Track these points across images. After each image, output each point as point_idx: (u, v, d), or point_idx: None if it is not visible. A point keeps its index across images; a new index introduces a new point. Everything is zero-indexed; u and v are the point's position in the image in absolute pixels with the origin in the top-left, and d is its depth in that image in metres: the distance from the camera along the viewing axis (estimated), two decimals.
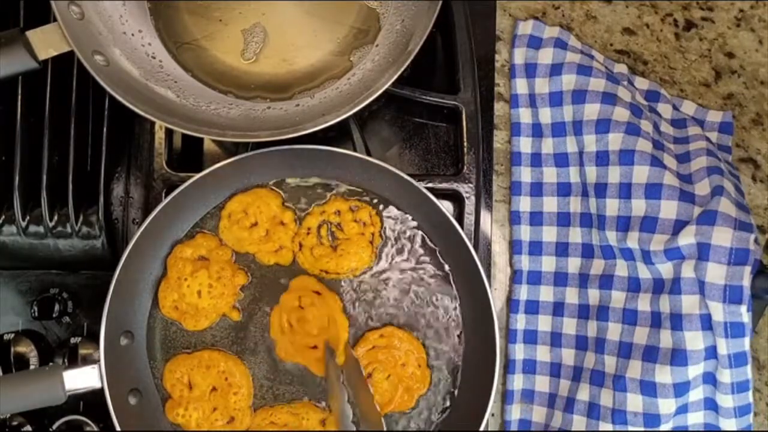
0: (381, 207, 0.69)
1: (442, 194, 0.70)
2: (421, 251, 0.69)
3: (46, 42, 0.60)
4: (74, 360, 0.70)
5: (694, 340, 0.61)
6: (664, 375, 0.61)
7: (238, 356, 0.68)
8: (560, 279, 0.71)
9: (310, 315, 0.68)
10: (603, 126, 0.67)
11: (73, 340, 0.71)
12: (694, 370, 0.61)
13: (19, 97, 0.68)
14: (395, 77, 0.61)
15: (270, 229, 0.69)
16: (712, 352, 0.61)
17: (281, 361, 0.68)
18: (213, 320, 0.68)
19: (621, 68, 0.73)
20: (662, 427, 0.62)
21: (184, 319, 0.68)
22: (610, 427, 0.64)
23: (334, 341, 0.67)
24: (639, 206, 0.65)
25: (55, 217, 0.70)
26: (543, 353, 0.72)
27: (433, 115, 0.76)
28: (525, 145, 0.73)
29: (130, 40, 0.68)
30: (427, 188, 0.65)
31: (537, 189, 0.73)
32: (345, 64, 0.70)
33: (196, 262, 0.68)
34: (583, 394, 0.67)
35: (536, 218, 0.73)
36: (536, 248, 0.72)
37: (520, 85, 0.74)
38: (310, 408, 0.67)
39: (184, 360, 0.68)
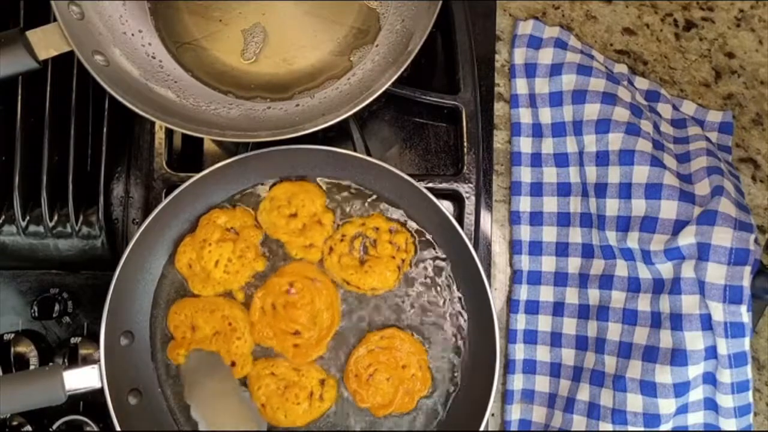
0: (418, 237, 0.69)
1: (442, 194, 0.70)
2: (420, 251, 0.69)
3: (47, 42, 0.60)
4: (74, 360, 0.70)
5: (694, 340, 0.61)
6: (664, 375, 0.61)
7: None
8: (560, 279, 0.71)
9: (300, 302, 0.67)
10: (603, 126, 0.67)
11: (73, 340, 0.71)
12: (694, 370, 0.61)
13: (19, 97, 0.68)
14: (395, 77, 0.61)
15: (307, 225, 0.68)
16: (712, 352, 0.61)
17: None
18: (218, 291, 0.68)
19: (621, 68, 0.73)
20: (662, 427, 0.62)
21: (192, 279, 0.68)
22: (610, 427, 0.64)
23: (325, 331, 0.68)
24: (639, 206, 0.65)
25: (55, 217, 0.70)
26: (543, 353, 0.72)
27: (433, 115, 0.76)
28: (525, 145, 0.73)
29: (130, 40, 0.68)
30: (427, 188, 0.65)
31: (537, 189, 0.73)
32: (345, 64, 0.70)
33: (226, 232, 0.68)
34: (583, 394, 0.67)
35: (536, 218, 0.73)
36: (536, 248, 0.72)
37: (520, 85, 0.74)
38: (312, 366, 0.68)
39: (189, 302, 0.68)
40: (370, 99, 0.61)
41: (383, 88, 0.61)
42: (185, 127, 0.62)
